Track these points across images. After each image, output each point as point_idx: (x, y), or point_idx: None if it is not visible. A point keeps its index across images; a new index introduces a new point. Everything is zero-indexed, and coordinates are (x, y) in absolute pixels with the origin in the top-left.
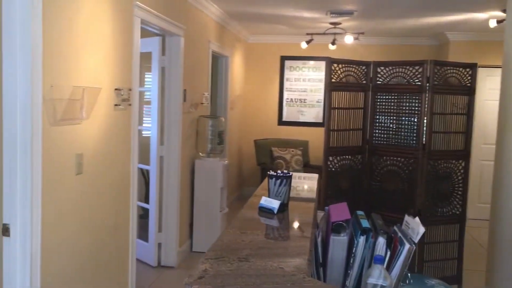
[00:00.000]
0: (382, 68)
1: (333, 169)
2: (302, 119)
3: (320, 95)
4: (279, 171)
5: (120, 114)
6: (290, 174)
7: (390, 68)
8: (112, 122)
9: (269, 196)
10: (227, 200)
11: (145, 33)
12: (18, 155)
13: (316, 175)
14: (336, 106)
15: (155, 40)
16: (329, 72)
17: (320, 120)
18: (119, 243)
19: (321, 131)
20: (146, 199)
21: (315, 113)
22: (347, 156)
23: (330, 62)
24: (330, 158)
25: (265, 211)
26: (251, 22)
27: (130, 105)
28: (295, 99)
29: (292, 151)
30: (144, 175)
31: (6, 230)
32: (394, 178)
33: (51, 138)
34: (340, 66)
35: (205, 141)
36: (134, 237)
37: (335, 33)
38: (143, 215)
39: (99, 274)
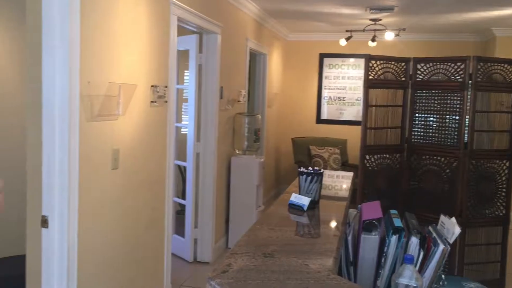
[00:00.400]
0: (422, 64)
1: (370, 168)
2: (341, 117)
3: (360, 93)
4: (310, 168)
5: (156, 111)
6: (321, 171)
7: (431, 64)
8: (148, 119)
9: (299, 193)
10: (264, 198)
11: (183, 31)
12: (56, 149)
13: (351, 174)
14: (374, 104)
15: (192, 38)
16: (367, 69)
17: (360, 119)
18: (155, 238)
19: (360, 129)
20: (184, 195)
21: (354, 112)
22: (384, 155)
23: (368, 58)
24: (367, 157)
25: (295, 208)
26: (290, 19)
27: (166, 102)
28: (334, 97)
29: (330, 149)
30: (182, 172)
31: (44, 222)
32: (434, 178)
33: (88, 134)
34: (378, 62)
35: (242, 139)
36: (170, 233)
37: (375, 30)
38: (180, 211)
39: (135, 267)
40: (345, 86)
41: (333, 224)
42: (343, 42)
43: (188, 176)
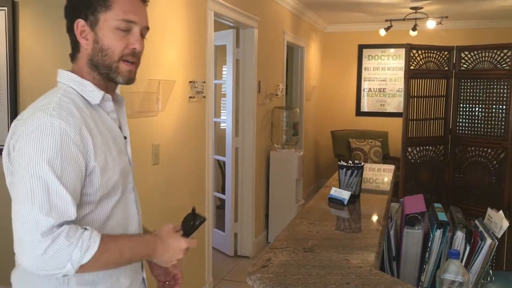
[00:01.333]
0: (467, 53)
1: (413, 161)
2: (381, 109)
3: (400, 84)
4: (350, 162)
5: (194, 106)
6: (362, 164)
7: (475, 52)
8: (187, 114)
9: (339, 187)
10: (303, 192)
11: (219, 26)
12: None
13: (392, 167)
14: (416, 95)
15: (229, 32)
16: (408, 59)
17: (401, 110)
18: (196, 232)
19: (401, 121)
20: (223, 190)
21: (396, 103)
22: (427, 147)
23: (409, 48)
24: (409, 149)
25: (335, 202)
26: (327, 10)
27: (204, 97)
28: (374, 88)
29: (371, 142)
30: (221, 167)
31: None
32: (480, 170)
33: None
34: (419, 52)
35: (280, 133)
36: (211, 227)
37: (416, 18)
38: (220, 205)
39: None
40: (386, 77)
41: (375, 218)
42: (382, 32)
43: (227, 171)
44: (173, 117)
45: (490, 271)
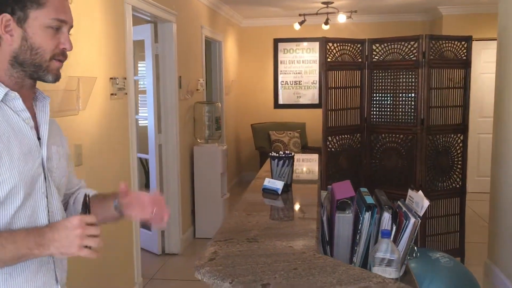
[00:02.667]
0: (378, 45)
1: (333, 149)
2: (298, 101)
3: (315, 77)
4: (281, 152)
5: (116, 104)
6: (292, 154)
7: (386, 44)
8: (109, 112)
9: (272, 178)
10: (227, 185)
11: (136, 21)
12: None
13: (316, 156)
14: (333, 86)
15: (147, 27)
16: (324, 52)
17: (317, 102)
18: (123, 233)
19: (318, 112)
20: (147, 188)
21: (311, 95)
22: (345, 136)
23: (325, 41)
24: (329, 138)
25: (269, 193)
26: (243, 5)
27: (126, 94)
28: (290, 81)
29: (290, 133)
30: (143, 164)
31: None
32: (394, 155)
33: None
34: (335, 45)
35: (203, 127)
36: (138, 226)
37: (327, 13)
38: None
39: (105, 264)
40: (301, 70)
41: (309, 206)
42: (297, 26)
43: (152, 168)
44: (95, 115)
45: (415, 247)
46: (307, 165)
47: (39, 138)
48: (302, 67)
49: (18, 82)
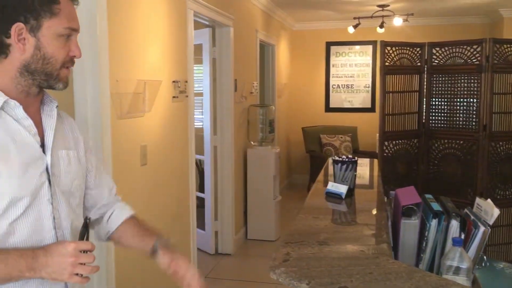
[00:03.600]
0: (438, 49)
1: (389, 154)
2: (349, 105)
3: (367, 80)
4: (343, 156)
5: (178, 106)
6: (356, 159)
7: (446, 48)
8: (171, 114)
9: (335, 182)
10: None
11: (195, 25)
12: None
13: (367, 160)
14: (391, 90)
15: (205, 31)
16: (382, 56)
17: (368, 106)
18: (181, 231)
19: (369, 116)
20: (200, 189)
21: (363, 99)
22: (402, 141)
23: (384, 45)
24: (386, 143)
25: (332, 197)
26: (297, 8)
27: (187, 96)
28: (342, 85)
29: (341, 137)
30: (198, 165)
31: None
32: (453, 162)
33: (119, 131)
34: (394, 49)
35: (256, 130)
36: (195, 225)
37: (383, 16)
38: (199, 204)
39: None
40: (353, 73)
41: (374, 211)
42: (351, 29)
43: (207, 169)
44: (158, 117)
45: (484, 257)
46: (362, 170)
47: (44, 144)
48: (354, 71)
49: (24, 91)
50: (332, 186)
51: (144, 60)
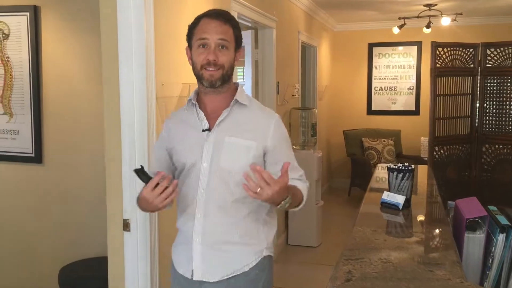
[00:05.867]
0: (492, 49)
1: (439, 160)
2: (393, 107)
3: (411, 82)
4: (399, 164)
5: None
6: (413, 167)
7: (502, 49)
8: None
9: (390, 191)
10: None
11: None
12: (136, 151)
13: (423, 167)
14: (441, 93)
15: (247, 33)
16: (433, 57)
17: (412, 108)
18: None
19: (413, 119)
20: None
21: (406, 101)
22: (453, 146)
23: (435, 46)
24: (436, 148)
25: (388, 207)
26: (339, 9)
27: None
28: (385, 87)
29: (384, 141)
30: None
31: (126, 226)
32: (509, 168)
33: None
34: (445, 49)
35: (298, 134)
36: None
37: (430, 16)
38: None
39: None
40: (396, 75)
41: (437, 224)
42: (396, 30)
43: None
44: None
45: None
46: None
47: (203, 130)
48: (397, 72)
49: (201, 91)
50: (388, 196)
51: (187, 63)
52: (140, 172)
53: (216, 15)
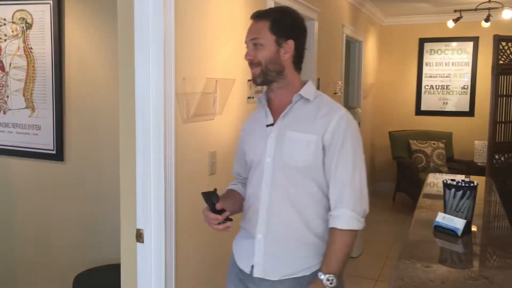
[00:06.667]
0: None
1: (499, 168)
2: (444, 108)
3: (465, 81)
4: (458, 179)
5: (252, 107)
6: (475, 184)
7: None
8: (244, 116)
9: (445, 212)
10: None
11: None
12: (151, 156)
13: (482, 178)
14: (504, 93)
15: None
16: (496, 52)
17: (466, 109)
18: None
19: (467, 121)
20: None
21: (460, 101)
22: None
23: (498, 40)
24: (496, 156)
25: (444, 232)
26: (388, 2)
27: None
28: (436, 85)
29: (433, 144)
30: None
31: (139, 236)
32: None
33: (184, 136)
34: (510, 44)
35: None
36: None
37: (489, 8)
38: None
39: (214, 278)
40: (449, 73)
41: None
42: (451, 23)
43: None
44: (230, 120)
45: None
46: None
47: (267, 125)
48: (451, 70)
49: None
50: (444, 219)
51: (215, 57)
52: (209, 196)
53: (253, 15)
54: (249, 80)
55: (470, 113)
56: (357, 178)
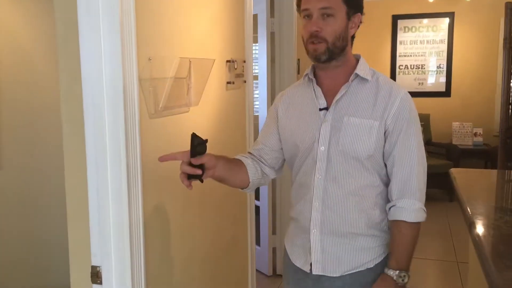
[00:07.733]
0: None
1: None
2: (420, 88)
3: (441, 60)
4: None
5: (233, 95)
6: None
7: None
8: (224, 107)
9: None
10: None
11: None
12: (108, 164)
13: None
14: None
15: None
16: (508, 23)
17: (442, 89)
18: (238, 250)
19: (444, 101)
20: (257, 196)
21: (436, 81)
22: None
23: (510, 8)
24: (509, 141)
25: None
26: None
27: (245, 82)
28: (411, 65)
29: None
30: None
31: (96, 275)
32: None
33: (152, 136)
34: None
35: None
36: (253, 240)
37: None
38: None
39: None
40: (425, 51)
41: None
42: None
43: None
44: (208, 112)
45: None
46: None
47: (320, 109)
48: (426, 48)
49: (316, 65)
50: None
51: (188, 34)
52: (196, 145)
53: None
54: (227, 61)
55: (447, 93)
56: (421, 166)
